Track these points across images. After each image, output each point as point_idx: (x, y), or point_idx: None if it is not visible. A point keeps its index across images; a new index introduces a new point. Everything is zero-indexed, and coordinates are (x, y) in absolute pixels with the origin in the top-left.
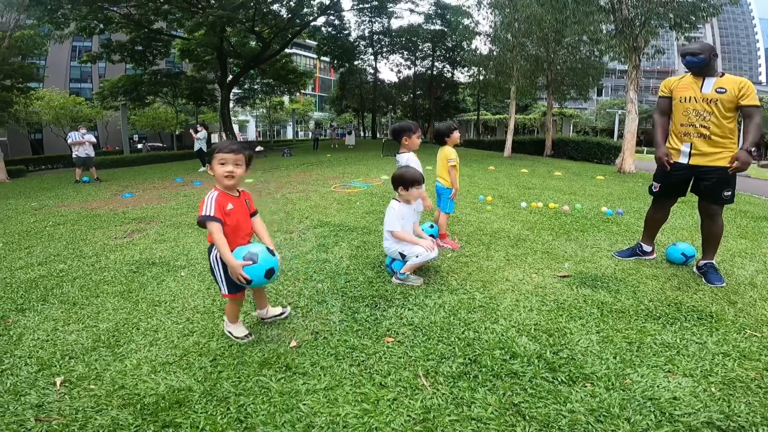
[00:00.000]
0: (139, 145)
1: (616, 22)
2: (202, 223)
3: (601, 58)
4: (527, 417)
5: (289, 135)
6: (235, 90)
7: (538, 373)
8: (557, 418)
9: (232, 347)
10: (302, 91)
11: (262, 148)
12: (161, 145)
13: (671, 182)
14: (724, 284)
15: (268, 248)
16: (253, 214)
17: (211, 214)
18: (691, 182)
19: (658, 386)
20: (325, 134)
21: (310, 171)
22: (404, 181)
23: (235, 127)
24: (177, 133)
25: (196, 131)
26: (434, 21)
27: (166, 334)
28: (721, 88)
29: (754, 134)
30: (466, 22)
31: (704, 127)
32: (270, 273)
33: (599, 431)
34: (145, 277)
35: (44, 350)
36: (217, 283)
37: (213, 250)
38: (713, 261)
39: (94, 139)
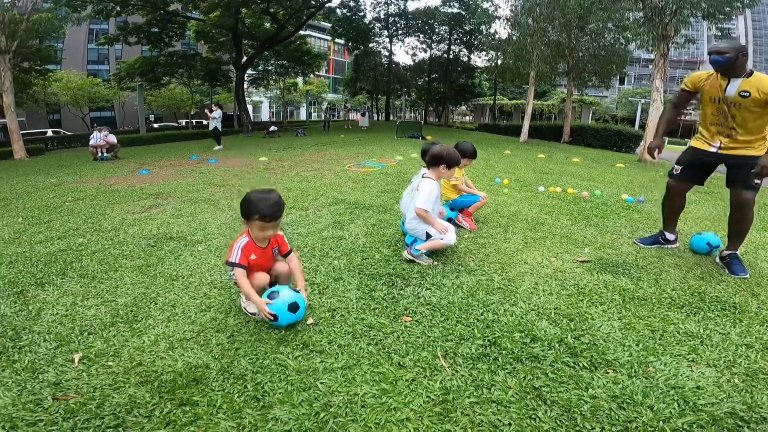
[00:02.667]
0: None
1: (645, 10)
2: (228, 264)
3: (626, 45)
4: (548, 401)
5: (303, 116)
6: (249, 71)
7: (559, 358)
8: (579, 404)
9: (249, 323)
10: (316, 73)
11: (275, 128)
12: (175, 124)
13: (695, 164)
14: (748, 275)
15: (289, 286)
16: (287, 254)
17: (236, 261)
18: (715, 171)
19: (681, 375)
20: (337, 115)
21: (325, 151)
22: (450, 161)
23: (249, 108)
24: (192, 113)
25: (211, 111)
26: (452, 4)
27: (184, 310)
28: (744, 91)
29: None
30: (486, 5)
31: (731, 128)
32: (294, 307)
33: (622, 418)
34: (162, 251)
35: (63, 326)
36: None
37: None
38: (737, 252)
39: (114, 140)
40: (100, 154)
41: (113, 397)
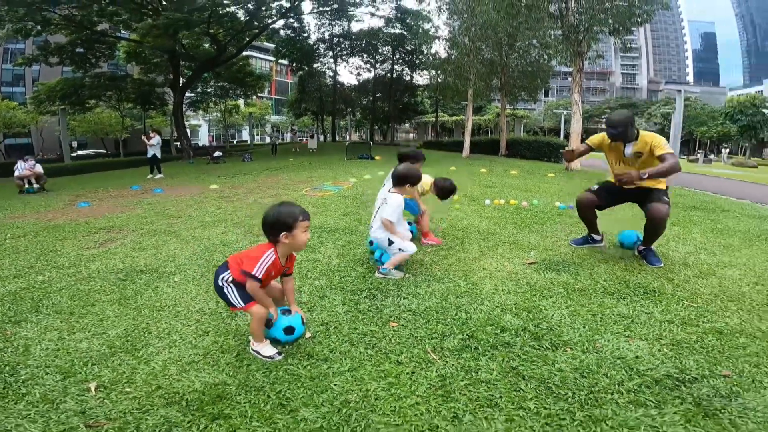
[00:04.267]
0: None
1: (563, 28)
2: (247, 275)
3: (549, 61)
4: (526, 377)
5: (246, 138)
6: (186, 93)
7: (526, 343)
8: (550, 376)
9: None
10: (258, 95)
11: (220, 153)
12: (103, 151)
13: (612, 188)
14: (662, 265)
15: (282, 310)
16: (288, 274)
17: (260, 277)
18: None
19: (622, 348)
20: (282, 137)
21: (277, 176)
22: (414, 179)
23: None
24: (122, 138)
25: (149, 137)
26: (394, 25)
27: (182, 336)
28: (638, 152)
29: (661, 169)
30: (427, 26)
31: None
32: (289, 330)
33: (586, 384)
34: (136, 284)
35: (60, 359)
36: (230, 302)
37: (222, 273)
38: (652, 246)
39: (41, 170)
40: (27, 185)
41: (146, 419)
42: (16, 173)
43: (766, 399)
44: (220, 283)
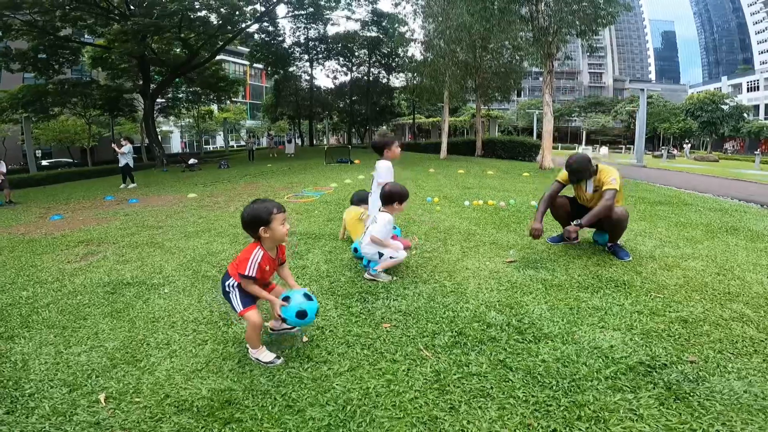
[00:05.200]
0: None
1: (534, 31)
2: (242, 276)
3: (521, 62)
4: (513, 368)
5: (221, 144)
6: (157, 99)
7: (510, 337)
8: (535, 367)
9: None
10: (232, 99)
11: (195, 161)
12: (70, 161)
13: (579, 204)
14: (631, 258)
15: (305, 294)
16: (281, 263)
17: (253, 275)
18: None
19: (597, 338)
20: (258, 142)
21: (256, 182)
22: (401, 197)
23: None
24: (90, 146)
25: (120, 145)
26: (370, 28)
27: (181, 346)
28: (596, 187)
29: (595, 213)
30: (403, 29)
31: (593, 201)
32: (302, 314)
33: (568, 373)
34: (125, 297)
35: (61, 372)
36: (233, 307)
37: (227, 280)
38: (619, 242)
39: (4, 169)
40: None
41: (161, 427)
42: None
43: (731, 382)
44: (227, 288)
